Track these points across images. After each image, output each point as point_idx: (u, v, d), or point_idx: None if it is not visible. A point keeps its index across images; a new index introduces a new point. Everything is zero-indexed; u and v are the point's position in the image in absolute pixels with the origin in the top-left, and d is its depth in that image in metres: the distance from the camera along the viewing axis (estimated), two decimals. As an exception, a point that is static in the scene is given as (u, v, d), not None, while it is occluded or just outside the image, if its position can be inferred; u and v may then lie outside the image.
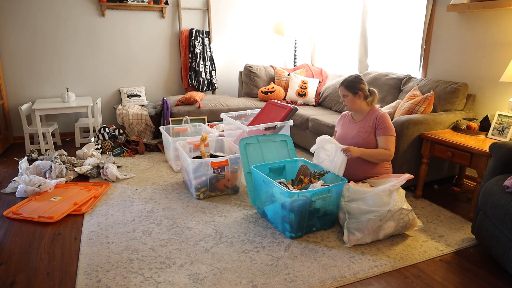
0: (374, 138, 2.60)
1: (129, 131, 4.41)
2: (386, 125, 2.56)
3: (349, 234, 2.27)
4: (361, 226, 2.24)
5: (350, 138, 2.68)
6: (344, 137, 2.74)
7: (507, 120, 2.72)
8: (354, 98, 2.63)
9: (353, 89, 2.62)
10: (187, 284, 1.91)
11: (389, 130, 2.56)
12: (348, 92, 2.64)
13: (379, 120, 2.58)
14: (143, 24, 4.83)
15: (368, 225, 2.23)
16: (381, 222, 2.23)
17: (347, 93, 2.64)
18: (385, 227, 2.26)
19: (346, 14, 4.78)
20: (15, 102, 4.43)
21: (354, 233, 2.25)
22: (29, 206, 2.75)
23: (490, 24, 3.08)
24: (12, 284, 1.92)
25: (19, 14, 4.27)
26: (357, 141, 2.63)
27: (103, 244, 2.27)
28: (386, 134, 2.55)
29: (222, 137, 3.45)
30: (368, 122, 2.63)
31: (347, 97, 2.66)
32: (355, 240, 2.25)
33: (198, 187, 2.87)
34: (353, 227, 2.27)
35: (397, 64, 4.16)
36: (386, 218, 2.23)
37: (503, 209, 1.89)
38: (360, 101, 2.64)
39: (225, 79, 5.46)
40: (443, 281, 1.98)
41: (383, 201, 2.22)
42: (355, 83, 2.63)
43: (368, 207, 2.24)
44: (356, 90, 2.62)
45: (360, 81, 2.63)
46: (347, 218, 2.32)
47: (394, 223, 2.27)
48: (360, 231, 2.24)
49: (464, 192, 3.13)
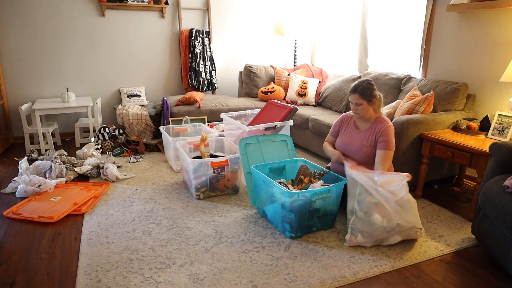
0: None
1: (129, 131, 4.41)
2: (388, 139, 2.42)
3: (352, 235, 2.25)
4: (366, 231, 2.21)
5: (353, 152, 2.54)
6: (345, 147, 2.60)
7: (507, 120, 2.72)
8: (368, 106, 2.44)
9: (368, 97, 2.42)
10: (187, 284, 1.91)
11: (390, 144, 2.42)
12: (363, 100, 2.42)
13: (382, 132, 2.43)
14: (143, 24, 4.83)
15: (374, 233, 2.20)
16: (388, 234, 2.22)
17: (362, 101, 2.42)
18: (390, 239, 2.25)
19: (346, 14, 4.78)
20: (15, 102, 4.43)
21: (357, 236, 2.22)
22: (29, 206, 2.75)
23: (490, 24, 3.08)
24: (12, 284, 1.92)
25: (19, 14, 4.27)
26: (360, 156, 2.50)
27: (103, 244, 2.27)
28: (386, 148, 2.41)
29: (222, 137, 3.45)
30: (372, 135, 2.48)
31: (361, 106, 2.44)
32: (356, 242, 2.23)
33: (198, 187, 2.87)
34: (357, 229, 2.23)
35: (397, 64, 4.16)
36: (395, 232, 2.22)
37: (503, 209, 1.89)
38: (372, 108, 2.46)
39: (225, 79, 5.46)
40: (443, 281, 1.98)
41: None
42: (370, 90, 2.42)
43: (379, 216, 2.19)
44: (371, 98, 2.42)
45: (373, 88, 2.44)
46: (354, 215, 2.25)
47: (400, 237, 2.26)
48: (364, 236, 2.21)
49: (464, 192, 3.13)
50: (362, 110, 2.47)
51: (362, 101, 2.44)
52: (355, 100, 2.46)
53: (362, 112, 2.48)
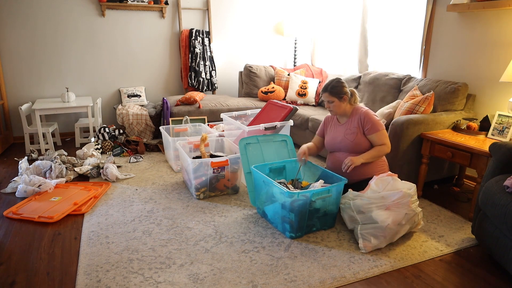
0: (363, 137, 2.57)
1: (129, 131, 4.41)
2: (372, 122, 2.54)
3: (364, 241, 2.21)
4: (377, 232, 2.19)
5: (339, 142, 2.66)
6: (332, 142, 2.71)
7: (507, 120, 2.72)
8: (340, 103, 2.60)
9: (338, 94, 2.58)
10: (187, 284, 1.91)
11: (377, 125, 2.54)
12: (334, 97, 2.59)
13: (364, 119, 2.56)
14: (143, 24, 4.83)
15: (385, 232, 2.19)
16: (398, 226, 2.21)
17: (333, 99, 2.60)
18: (401, 231, 2.25)
19: (346, 14, 4.78)
20: (15, 102, 4.44)
21: (370, 240, 2.20)
22: (29, 206, 2.75)
23: (490, 24, 3.07)
24: (12, 284, 1.92)
25: (19, 14, 4.27)
26: (346, 144, 2.62)
27: (103, 244, 2.27)
28: (376, 130, 2.53)
29: (222, 137, 3.45)
30: (353, 123, 2.62)
31: (333, 103, 2.61)
32: (371, 246, 2.20)
33: (198, 187, 2.87)
34: (367, 233, 2.21)
35: (397, 64, 4.16)
36: (403, 222, 2.23)
37: (503, 209, 1.89)
38: (345, 104, 2.61)
39: (225, 79, 5.46)
40: (443, 281, 1.98)
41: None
42: (339, 88, 2.58)
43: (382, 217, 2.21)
44: (341, 95, 2.58)
45: (343, 85, 2.60)
46: (359, 222, 2.26)
47: (409, 225, 2.27)
48: (376, 237, 2.20)
49: (464, 192, 3.13)
50: (334, 107, 2.63)
51: (333, 99, 2.60)
52: (326, 98, 2.63)
53: (335, 108, 2.63)
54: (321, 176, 2.59)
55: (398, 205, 2.21)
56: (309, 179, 2.68)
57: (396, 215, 2.20)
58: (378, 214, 2.19)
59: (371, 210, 2.22)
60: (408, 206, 2.23)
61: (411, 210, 2.24)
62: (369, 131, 2.55)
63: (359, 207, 2.27)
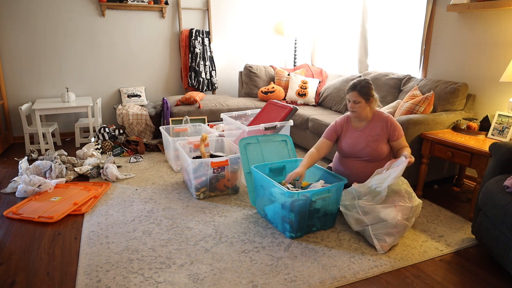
0: (385, 145, 2.49)
1: (129, 131, 4.41)
2: (399, 128, 2.50)
3: (380, 241, 2.20)
4: (390, 230, 2.18)
5: (360, 150, 2.51)
6: (351, 149, 2.55)
7: (507, 120, 2.72)
8: (366, 105, 2.45)
9: (366, 95, 2.43)
10: (187, 284, 1.91)
11: (401, 130, 2.52)
12: (361, 98, 2.43)
13: (391, 126, 2.48)
14: (143, 24, 4.83)
15: (398, 228, 2.19)
16: (407, 221, 2.23)
17: (360, 99, 2.43)
18: (409, 225, 2.28)
19: (346, 14, 4.78)
20: (15, 102, 4.43)
21: (385, 239, 2.19)
22: (29, 206, 2.75)
23: (490, 24, 3.08)
24: (12, 284, 1.92)
25: (19, 14, 4.27)
26: (368, 152, 2.49)
27: (103, 244, 2.27)
28: (402, 135, 2.50)
29: (222, 137, 3.45)
30: (375, 129, 2.49)
31: (359, 104, 2.44)
32: (388, 245, 2.20)
33: (198, 187, 2.87)
34: (381, 233, 2.20)
35: (397, 64, 4.16)
36: (410, 216, 2.25)
37: (503, 209, 1.89)
38: (370, 107, 2.48)
39: (225, 79, 5.46)
40: (443, 281, 1.98)
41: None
42: (369, 89, 2.44)
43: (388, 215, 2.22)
44: (369, 97, 2.44)
45: (372, 87, 2.47)
46: (367, 223, 2.25)
47: (414, 218, 2.30)
48: (390, 235, 2.19)
49: (464, 192, 3.13)
50: (359, 108, 2.46)
51: (360, 99, 2.44)
52: (354, 97, 2.45)
53: (359, 110, 2.47)
54: (322, 177, 2.59)
55: (401, 202, 2.24)
56: (309, 179, 2.68)
57: (403, 209, 2.20)
58: (386, 213, 2.19)
59: (378, 210, 2.20)
60: (411, 200, 2.26)
61: (415, 202, 2.26)
62: (397, 137, 2.48)
63: (363, 208, 2.25)
